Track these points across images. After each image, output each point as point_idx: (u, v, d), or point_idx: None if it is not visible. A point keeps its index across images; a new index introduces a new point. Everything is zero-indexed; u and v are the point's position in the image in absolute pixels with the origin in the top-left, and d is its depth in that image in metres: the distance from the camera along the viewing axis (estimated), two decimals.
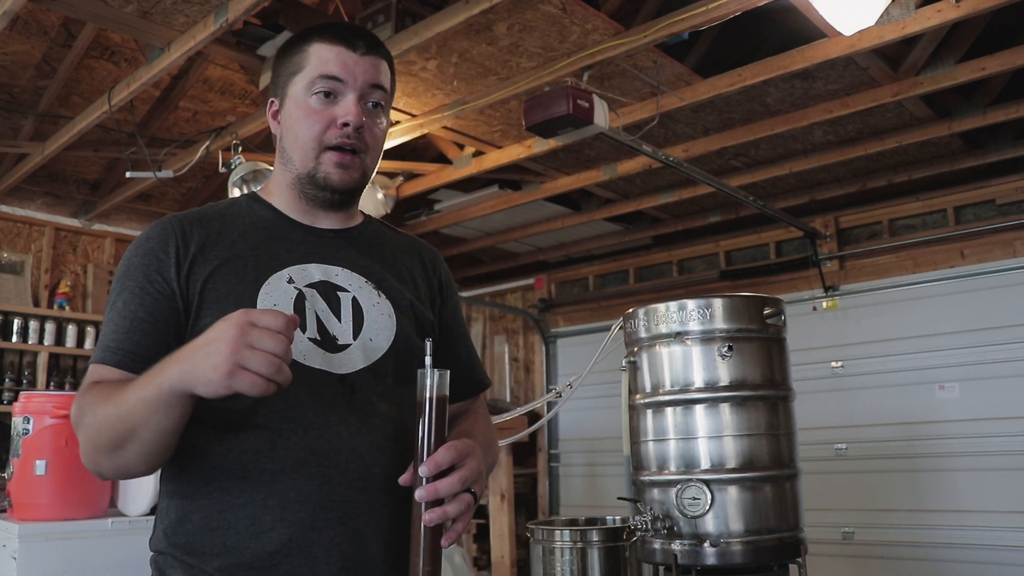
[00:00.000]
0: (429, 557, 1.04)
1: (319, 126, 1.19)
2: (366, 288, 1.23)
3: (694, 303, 2.10)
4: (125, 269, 1.16)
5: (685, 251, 5.74)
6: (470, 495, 1.07)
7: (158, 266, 1.14)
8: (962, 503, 4.24)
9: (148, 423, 0.99)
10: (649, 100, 3.62)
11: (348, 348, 1.17)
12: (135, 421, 0.99)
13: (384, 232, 1.37)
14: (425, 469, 1.04)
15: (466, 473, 1.06)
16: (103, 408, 1.03)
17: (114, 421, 1.01)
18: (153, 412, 0.98)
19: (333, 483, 1.10)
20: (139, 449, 1.02)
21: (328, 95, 1.20)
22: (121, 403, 1.00)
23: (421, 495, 1.04)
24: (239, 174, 3.72)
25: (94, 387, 1.08)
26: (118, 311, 1.13)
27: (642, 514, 2.09)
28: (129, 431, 1.00)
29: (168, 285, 1.13)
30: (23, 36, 3.46)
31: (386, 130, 1.28)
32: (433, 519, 1.03)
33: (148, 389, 0.98)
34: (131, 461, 1.04)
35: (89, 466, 1.08)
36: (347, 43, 1.21)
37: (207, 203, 1.42)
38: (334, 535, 1.08)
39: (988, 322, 4.30)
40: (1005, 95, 3.76)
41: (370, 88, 1.21)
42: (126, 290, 1.14)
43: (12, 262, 5.04)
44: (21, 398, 2.06)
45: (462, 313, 1.43)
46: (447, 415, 1.09)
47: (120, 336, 1.10)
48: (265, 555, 1.06)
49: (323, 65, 1.20)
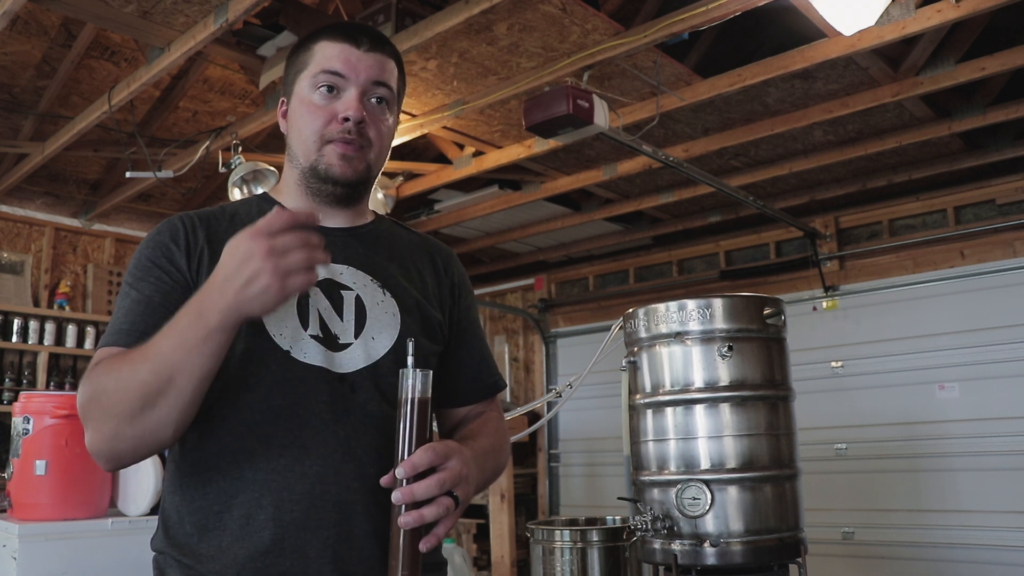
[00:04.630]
0: (408, 561, 1.02)
1: (320, 120, 1.19)
2: (371, 286, 1.22)
3: (694, 303, 2.10)
4: (137, 261, 1.16)
5: (685, 251, 5.74)
6: (450, 499, 1.04)
7: (170, 257, 1.15)
8: (962, 503, 4.24)
9: (188, 368, 0.97)
10: (649, 100, 3.62)
11: (349, 347, 1.16)
12: (172, 369, 0.97)
13: (395, 231, 1.36)
14: (401, 471, 1.02)
15: (446, 476, 1.03)
16: (126, 370, 1.00)
17: (145, 376, 0.98)
18: (197, 355, 0.97)
19: (328, 483, 1.09)
20: (174, 402, 0.99)
21: (331, 90, 1.20)
22: (151, 357, 0.98)
23: (397, 497, 1.02)
24: (239, 174, 3.73)
25: (104, 363, 1.05)
26: (132, 298, 1.12)
27: (642, 514, 2.09)
28: (165, 382, 0.98)
29: (181, 275, 1.14)
30: (23, 36, 3.46)
31: (393, 128, 1.27)
32: (409, 522, 1.01)
33: (188, 333, 0.97)
34: (161, 420, 1.00)
35: (103, 447, 1.03)
36: (351, 40, 1.21)
37: (207, 203, 1.42)
38: (327, 536, 1.08)
39: (988, 322, 4.30)
40: (1005, 95, 3.76)
41: (373, 84, 1.21)
42: (140, 279, 1.13)
43: (12, 262, 5.04)
44: (21, 398, 2.06)
45: (478, 315, 1.41)
46: (429, 415, 1.08)
47: (135, 319, 1.09)
48: (258, 555, 1.06)
49: (326, 61, 1.20)
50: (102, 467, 1.07)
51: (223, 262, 0.97)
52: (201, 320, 0.96)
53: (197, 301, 0.98)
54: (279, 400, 1.10)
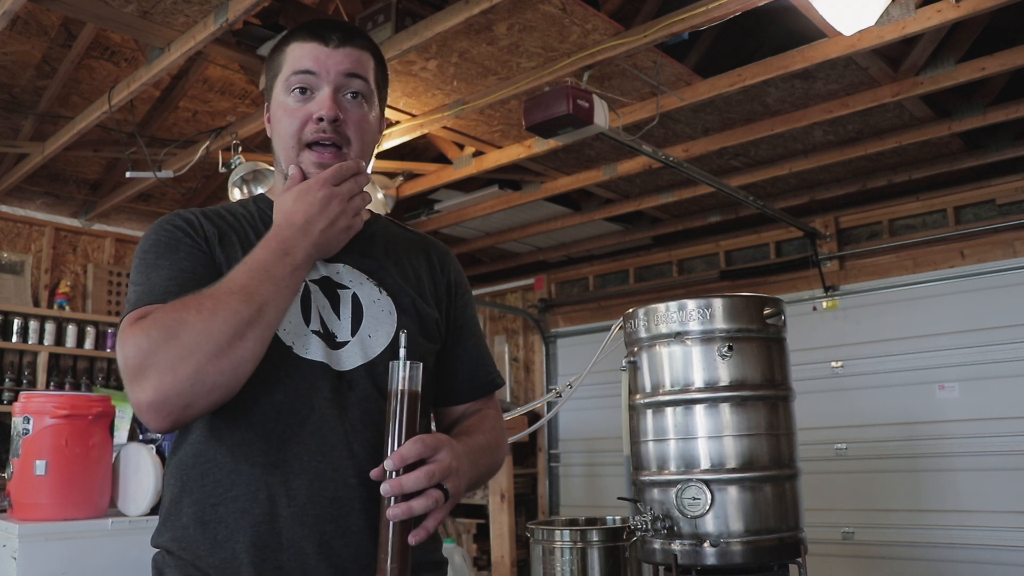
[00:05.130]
0: (396, 554, 1.01)
1: (296, 123, 1.19)
2: (367, 285, 1.22)
3: (694, 303, 2.10)
4: (155, 241, 1.15)
5: (685, 251, 5.74)
6: (440, 491, 1.04)
7: (192, 237, 1.16)
8: (962, 503, 4.24)
9: (277, 299, 1.06)
10: (649, 100, 3.62)
11: (347, 345, 1.16)
12: (263, 300, 1.04)
13: (391, 229, 1.36)
14: (390, 463, 1.02)
15: (435, 468, 1.03)
16: (208, 304, 1.01)
17: (238, 306, 1.01)
18: (285, 287, 1.07)
19: (325, 479, 1.09)
20: (261, 334, 1.04)
21: (304, 91, 1.19)
22: (238, 290, 1.03)
23: (386, 490, 1.02)
24: (239, 174, 3.72)
25: (167, 307, 1.03)
26: (166, 267, 1.11)
27: (642, 514, 2.09)
28: (256, 312, 1.03)
29: (211, 248, 1.16)
30: (23, 36, 3.46)
31: (375, 121, 1.26)
32: (397, 514, 1.01)
33: (275, 269, 1.06)
34: (247, 354, 1.02)
35: (178, 391, 0.98)
36: (319, 38, 1.20)
37: (207, 203, 1.43)
38: (325, 531, 1.08)
39: (988, 322, 4.30)
40: (1005, 95, 3.76)
41: (345, 79, 1.20)
42: (167, 253, 1.13)
43: (12, 262, 5.04)
44: (21, 398, 2.05)
45: (475, 312, 1.41)
46: (418, 408, 1.08)
47: (183, 282, 1.08)
48: (255, 549, 1.06)
49: (296, 62, 1.20)
50: (160, 425, 1.01)
51: (296, 207, 1.11)
52: (288, 257, 1.08)
53: (276, 241, 1.09)
54: (280, 395, 1.10)
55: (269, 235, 1.10)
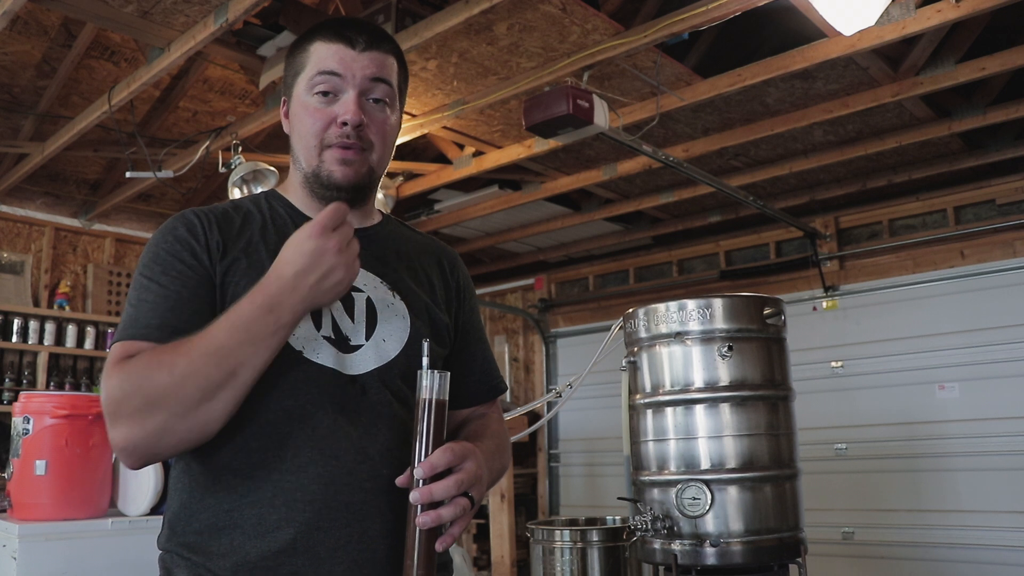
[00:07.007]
0: (423, 560, 1.03)
1: (319, 124, 1.18)
2: (381, 288, 1.21)
3: (694, 303, 2.10)
4: (154, 254, 1.14)
5: (685, 251, 5.74)
6: (467, 499, 1.06)
7: (192, 250, 1.13)
8: (962, 503, 4.24)
9: (253, 361, 1.02)
10: (649, 100, 3.62)
11: (360, 349, 1.16)
12: (237, 363, 1.00)
13: (402, 232, 1.35)
14: (420, 471, 1.03)
15: (463, 476, 1.05)
16: (181, 363, 0.99)
17: (208, 369, 0.99)
18: (264, 348, 1.02)
19: (340, 484, 1.09)
20: (231, 395, 1.02)
21: (327, 94, 1.19)
22: (213, 351, 1.00)
23: (416, 497, 1.03)
24: (239, 174, 3.73)
25: (144, 357, 1.03)
26: (156, 292, 1.10)
27: (642, 514, 2.09)
28: (227, 376, 1.00)
29: (204, 269, 1.13)
30: (23, 36, 3.46)
31: (396, 126, 1.26)
32: (427, 522, 1.02)
33: (256, 327, 1.01)
34: (216, 414, 1.01)
35: (144, 442, 1.01)
36: (346, 40, 1.19)
37: (207, 203, 1.42)
38: (340, 536, 1.08)
39: (988, 322, 4.30)
40: (1005, 95, 3.76)
41: (370, 84, 1.19)
42: (162, 273, 1.11)
43: (12, 262, 5.04)
44: (21, 398, 2.06)
45: (480, 317, 1.41)
46: (446, 417, 1.08)
47: (164, 314, 1.08)
48: (270, 555, 1.06)
49: (321, 62, 1.19)
50: (130, 464, 1.06)
51: (288, 258, 1.03)
52: (271, 315, 1.01)
53: (263, 295, 1.02)
54: (290, 401, 1.10)
55: (258, 286, 1.04)
